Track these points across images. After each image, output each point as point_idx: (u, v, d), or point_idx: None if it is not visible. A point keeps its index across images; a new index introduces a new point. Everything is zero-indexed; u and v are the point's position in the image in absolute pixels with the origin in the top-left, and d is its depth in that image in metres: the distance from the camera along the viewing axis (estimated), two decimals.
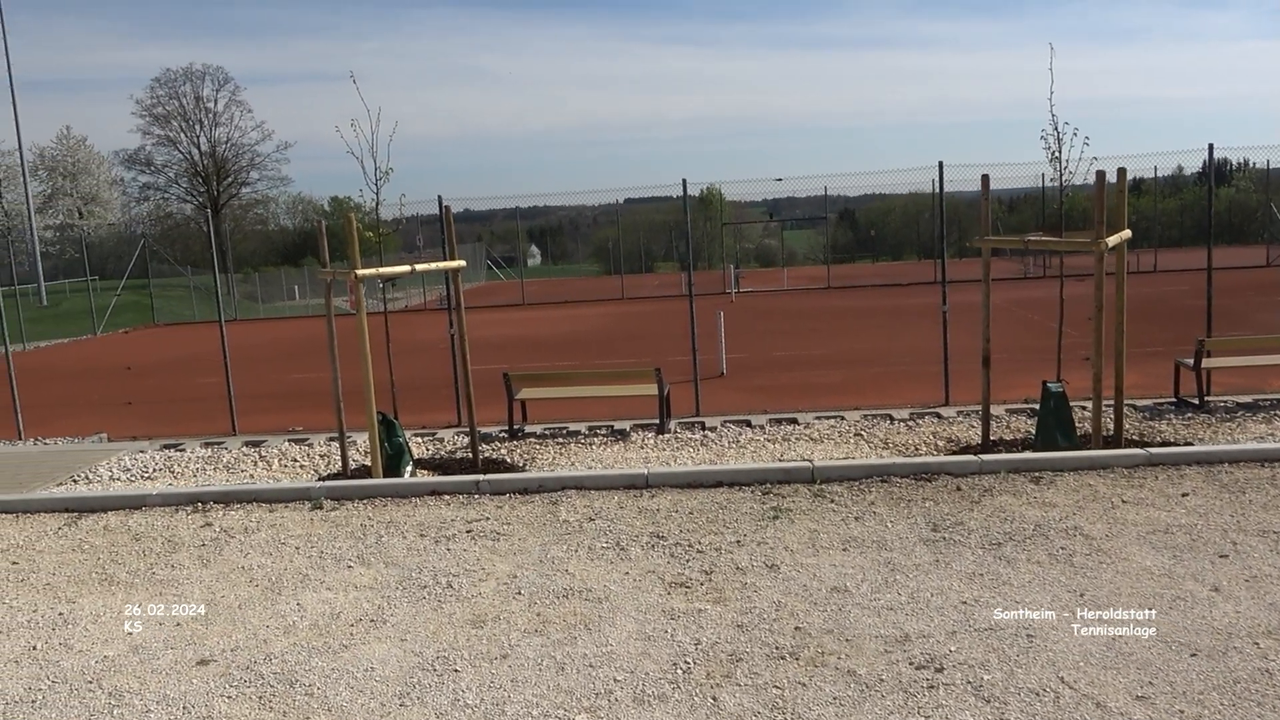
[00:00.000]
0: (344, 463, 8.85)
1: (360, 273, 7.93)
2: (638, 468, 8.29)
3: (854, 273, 38.52)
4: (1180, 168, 42.51)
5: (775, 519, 6.37)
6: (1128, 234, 8.09)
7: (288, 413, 12.74)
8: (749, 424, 10.35)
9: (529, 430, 10.60)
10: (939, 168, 11.75)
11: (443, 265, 9.21)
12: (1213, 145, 12.59)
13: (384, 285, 9.00)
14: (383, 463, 8.30)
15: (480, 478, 7.60)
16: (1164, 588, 4.95)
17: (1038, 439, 8.41)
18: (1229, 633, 4.41)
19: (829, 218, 40.36)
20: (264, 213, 61.16)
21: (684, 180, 11.96)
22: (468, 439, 9.35)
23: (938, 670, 4.19)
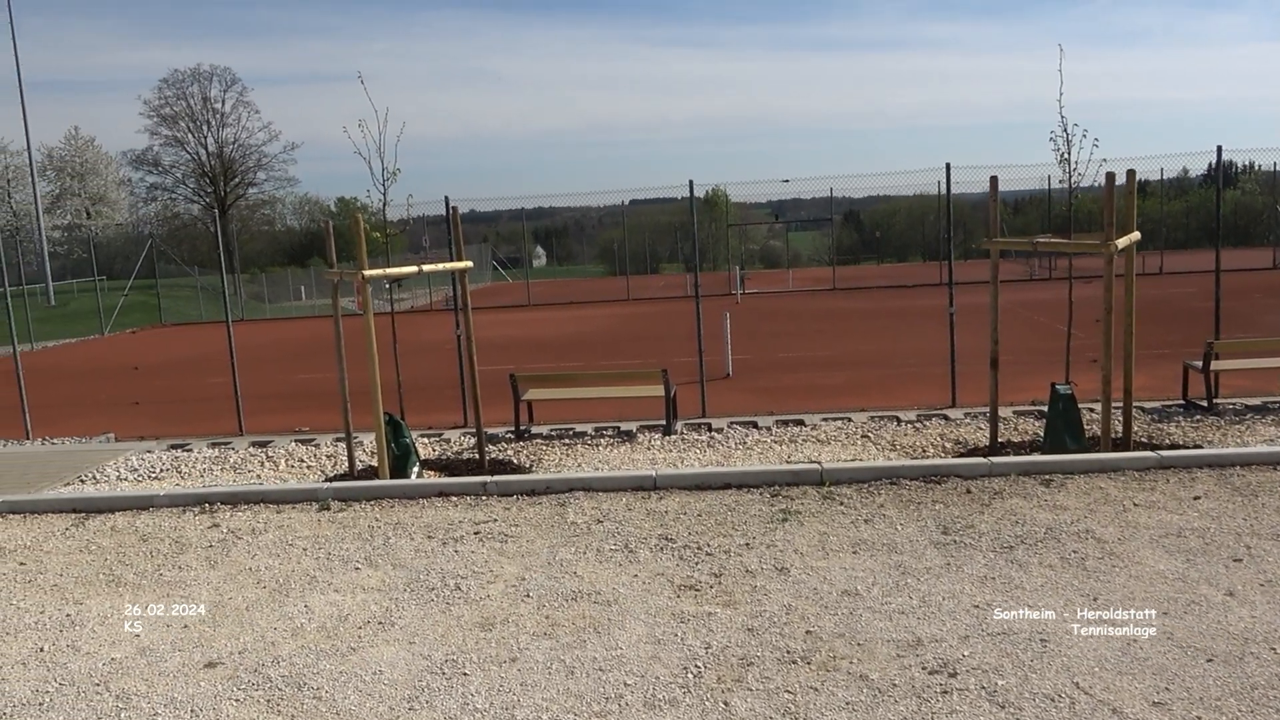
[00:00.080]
0: (351, 463, 8.83)
1: (367, 273, 7.91)
2: (645, 469, 8.26)
3: (859, 274, 38.46)
4: (1185, 170, 42.43)
5: (784, 521, 6.34)
6: (1137, 236, 8.05)
7: (294, 413, 12.73)
8: (755, 425, 10.32)
9: (535, 431, 10.58)
10: (946, 169, 11.73)
11: (450, 266, 9.20)
12: (1221, 147, 12.54)
13: (390, 286, 8.99)
14: (389, 463, 8.28)
15: (488, 479, 7.58)
16: (1178, 592, 4.91)
17: (1046, 441, 8.37)
18: (1245, 638, 4.37)
19: (834, 219, 40.28)
20: (271, 213, 61.20)
21: (690, 181, 11.94)
22: (474, 440, 9.33)
23: (951, 675, 4.16)
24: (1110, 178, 7.59)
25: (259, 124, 55.94)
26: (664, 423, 10.38)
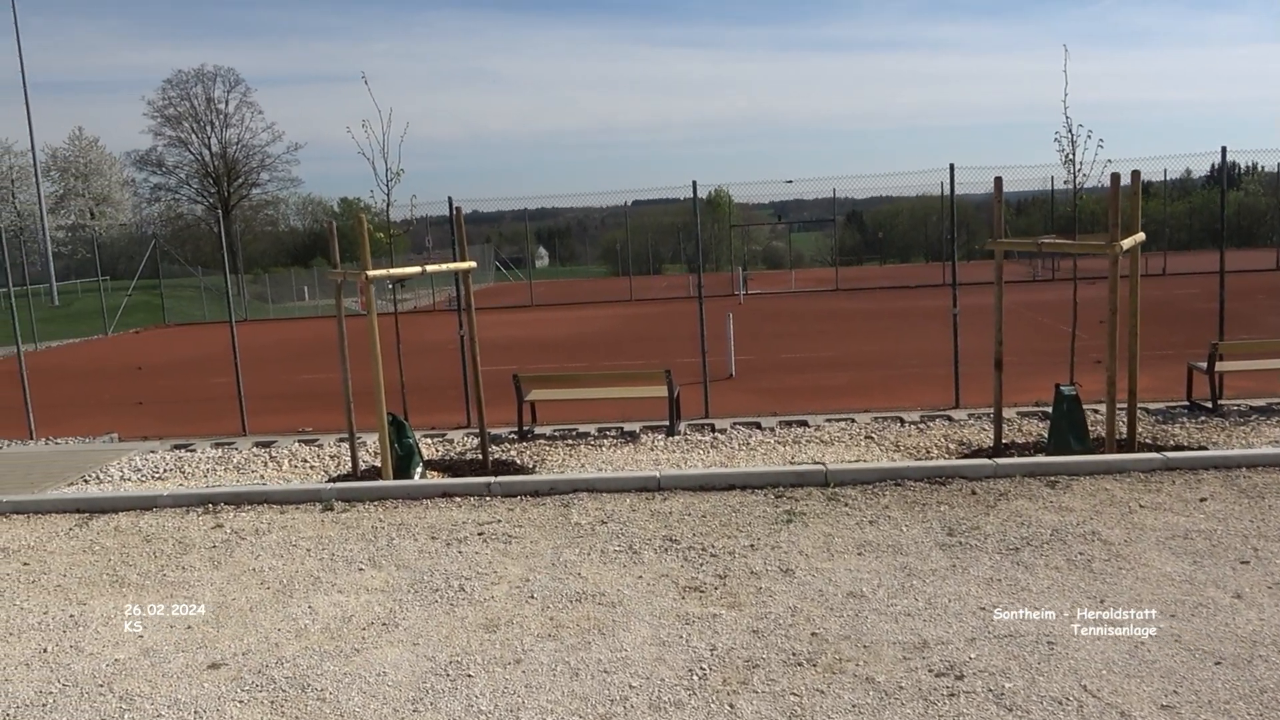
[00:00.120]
0: (354, 464, 8.83)
1: (371, 273, 7.91)
2: (649, 470, 8.25)
3: (862, 275, 38.44)
4: (1188, 171, 42.35)
5: (789, 522, 6.32)
6: (1142, 236, 8.03)
7: (297, 413, 12.73)
8: (759, 426, 10.30)
9: (538, 432, 10.57)
10: (950, 170, 11.69)
11: (454, 266, 9.19)
12: (1226, 148, 12.52)
13: (393, 286, 8.98)
14: (393, 464, 8.27)
15: (491, 479, 7.57)
16: (1185, 594, 4.89)
17: (1050, 442, 8.34)
18: (1254, 641, 4.35)
19: (836, 220, 40.25)
20: (274, 214, 61.26)
21: (694, 182, 11.93)
22: (478, 440, 9.32)
23: (958, 678, 4.14)
24: (1115, 178, 7.57)
25: (262, 124, 55.99)
26: (667, 423, 10.36)
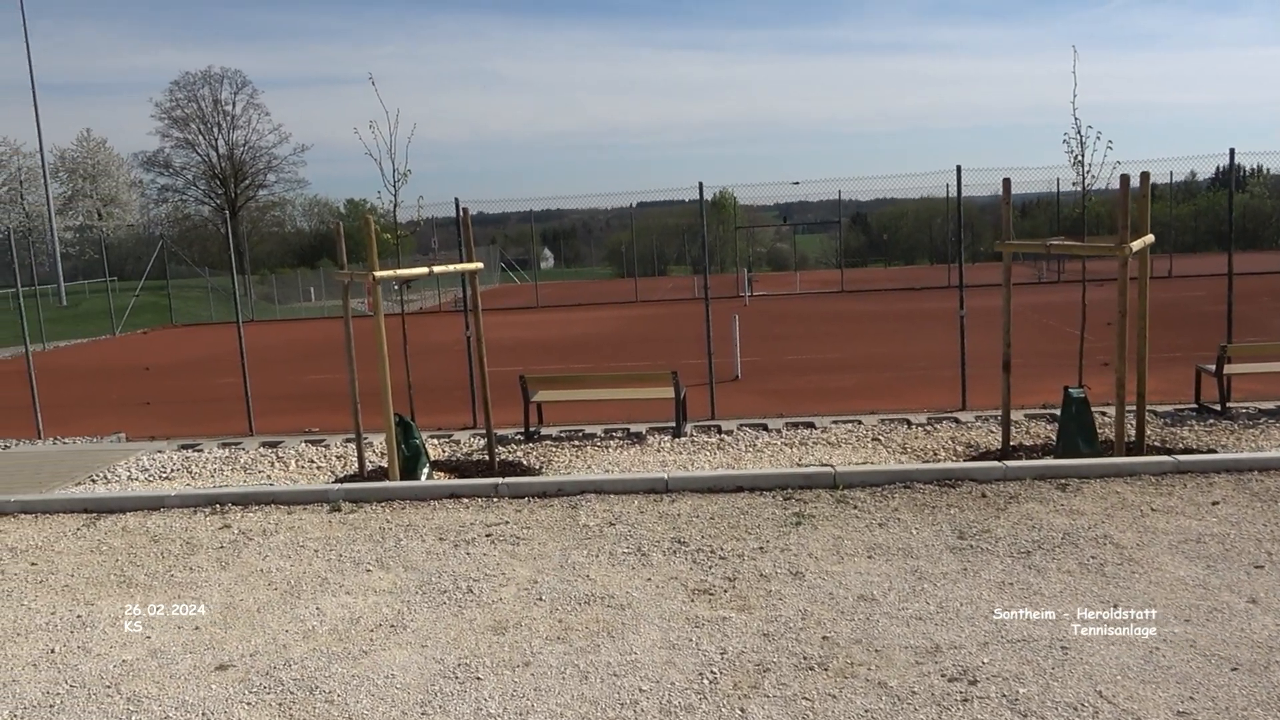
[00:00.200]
0: (361, 464, 8.81)
1: (378, 274, 7.89)
2: (657, 472, 8.22)
3: (867, 277, 38.39)
4: (1193, 173, 42.16)
5: (798, 525, 6.29)
6: (1151, 238, 7.98)
7: (304, 414, 12.73)
8: (765, 428, 10.27)
9: (545, 433, 10.55)
10: (957, 171, 11.65)
11: (460, 267, 9.17)
12: (1234, 150, 12.44)
13: (400, 287, 8.97)
14: (400, 465, 8.26)
15: (499, 480, 7.55)
16: (1199, 599, 4.85)
17: (1059, 445, 8.30)
18: (1270, 646, 4.31)
19: (841, 222, 40.21)
20: (281, 215, 61.48)
21: (700, 184, 11.89)
22: (484, 441, 9.31)
23: (971, 683, 4.10)
24: (1125, 180, 7.53)
25: (269, 126, 56.31)
26: (673, 425, 10.34)
